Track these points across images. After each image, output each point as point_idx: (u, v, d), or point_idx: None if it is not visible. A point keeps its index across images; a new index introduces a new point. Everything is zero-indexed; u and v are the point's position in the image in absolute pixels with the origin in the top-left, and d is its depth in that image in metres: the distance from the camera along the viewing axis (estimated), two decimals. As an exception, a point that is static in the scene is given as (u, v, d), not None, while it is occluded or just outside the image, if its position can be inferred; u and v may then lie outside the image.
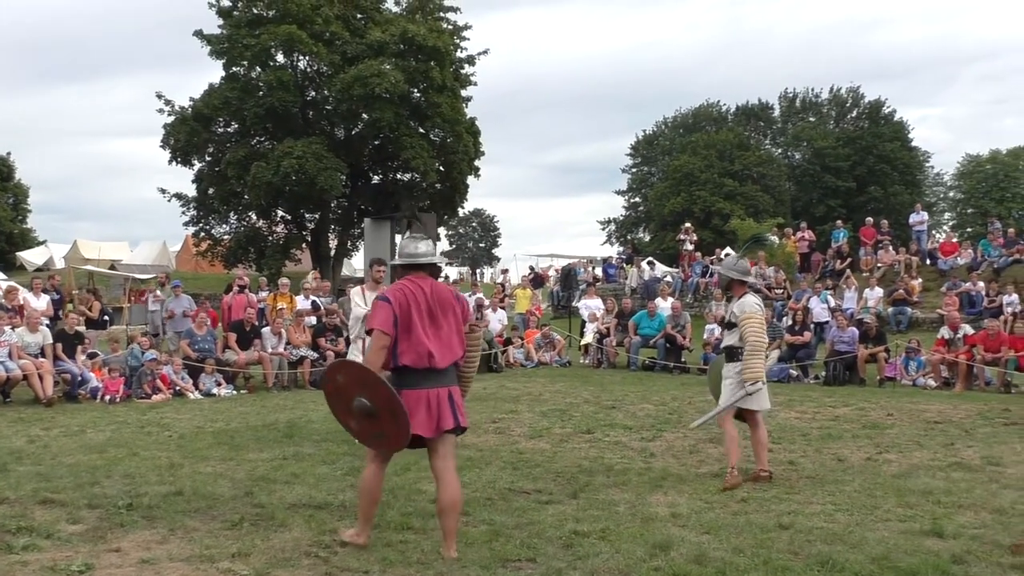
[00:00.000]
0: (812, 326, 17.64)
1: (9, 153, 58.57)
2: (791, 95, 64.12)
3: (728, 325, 7.63)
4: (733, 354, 7.47)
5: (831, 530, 5.76)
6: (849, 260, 24.59)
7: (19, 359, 13.05)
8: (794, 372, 16.21)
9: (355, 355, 8.76)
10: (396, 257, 5.47)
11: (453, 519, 5.15)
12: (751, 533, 5.66)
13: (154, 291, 19.35)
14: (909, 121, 59.71)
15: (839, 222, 29.08)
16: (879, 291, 20.53)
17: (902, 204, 49.41)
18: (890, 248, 25.01)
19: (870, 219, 27.58)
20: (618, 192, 68.01)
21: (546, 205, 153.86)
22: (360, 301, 9.03)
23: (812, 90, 63.57)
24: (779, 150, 63.14)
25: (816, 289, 19.70)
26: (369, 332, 5.15)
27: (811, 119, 62.44)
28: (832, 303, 19.17)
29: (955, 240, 27.31)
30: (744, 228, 31.66)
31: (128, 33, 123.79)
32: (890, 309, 20.17)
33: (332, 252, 39.33)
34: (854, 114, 61.53)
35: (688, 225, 32.19)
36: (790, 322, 17.52)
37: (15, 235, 55.85)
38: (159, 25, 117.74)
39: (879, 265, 24.00)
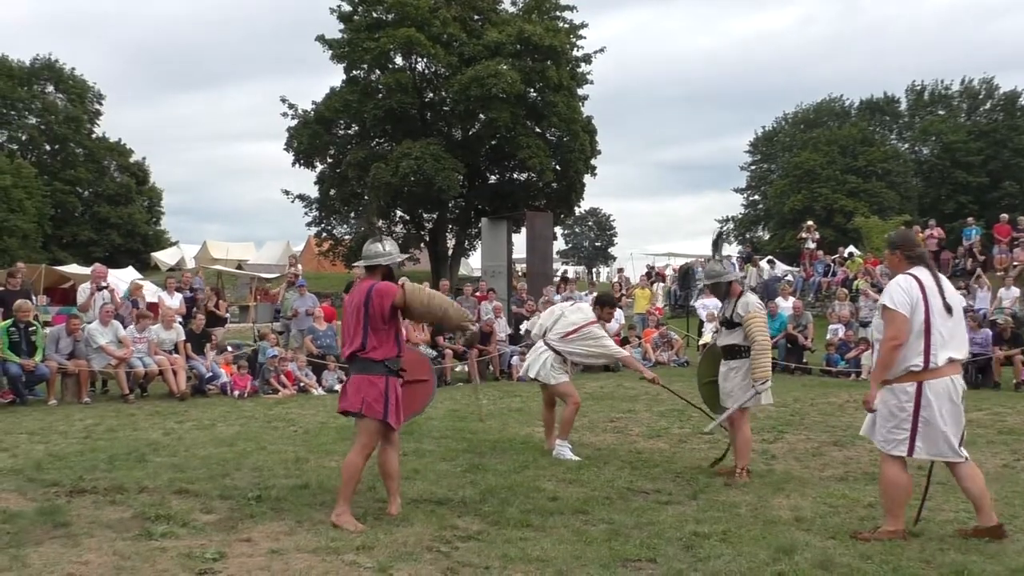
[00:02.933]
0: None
1: (144, 158, 61.35)
2: (919, 88, 61.93)
3: (729, 324, 7.49)
4: (735, 352, 7.42)
5: (965, 539, 5.53)
6: (982, 259, 23.59)
7: (155, 355, 13.65)
8: (923, 374, 15.64)
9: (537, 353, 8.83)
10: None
11: (342, 479, 5.93)
12: (879, 539, 5.48)
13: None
14: (1049, 112, 56.81)
15: (970, 219, 27.96)
16: (1015, 291, 19.61)
17: (1040, 200, 47.22)
18: (1027, 246, 23.87)
19: (1005, 216, 26.40)
20: (736, 190, 66.97)
21: (662, 203, 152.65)
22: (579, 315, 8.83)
23: (941, 82, 61.26)
24: (906, 145, 61.05)
25: (946, 289, 18.95)
26: None
27: (940, 112, 60.15)
28: (964, 303, 18.40)
29: (1098, 237, 25.87)
30: (868, 226, 30.79)
31: (253, 40, 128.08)
32: (1027, 310, 19.25)
33: (450, 251, 39.81)
34: (987, 106, 58.99)
35: (810, 223, 31.41)
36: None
37: (150, 237, 58.48)
38: (283, 31, 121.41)
39: (1015, 264, 22.95)
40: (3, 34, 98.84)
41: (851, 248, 31.41)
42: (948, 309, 5.39)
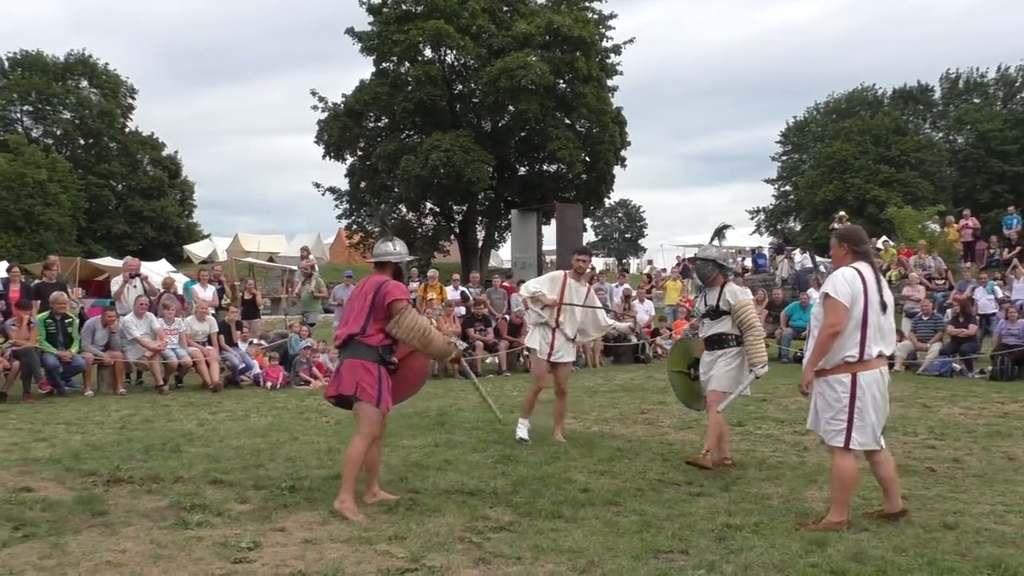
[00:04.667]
0: (977, 318, 16.79)
1: (176, 152, 61.83)
2: (953, 76, 61.15)
3: (715, 314, 7.46)
4: (722, 342, 7.39)
5: (1002, 532, 5.49)
6: (1018, 248, 23.24)
7: (188, 346, 13.79)
8: (957, 366, 15.48)
9: (532, 337, 9.01)
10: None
11: (344, 469, 6.03)
12: (913, 532, 5.44)
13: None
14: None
15: (1011, 208, 27.52)
16: (1052, 281, 19.32)
17: (1078, 189, 46.47)
18: (1064, 236, 23.49)
19: (1042, 204, 25.99)
20: (767, 180, 66.53)
21: (692, 195, 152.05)
22: (544, 285, 9.02)
23: (977, 70, 60.53)
24: (940, 134, 60.38)
25: (981, 279, 18.72)
26: None
27: (976, 100, 59.39)
28: (1000, 294, 18.17)
29: None
30: (902, 216, 30.44)
31: (283, 34, 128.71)
32: (1064, 300, 18.94)
33: (480, 243, 39.83)
34: (1024, 94, 58.21)
35: (842, 214, 31.09)
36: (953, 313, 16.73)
37: (182, 229, 58.93)
38: (313, 25, 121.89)
39: (1052, 254, 22.58)
40: (39, 30, 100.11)
41: (884, 238, 31.11)
42: (883, 306, 5.59)
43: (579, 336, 9.11)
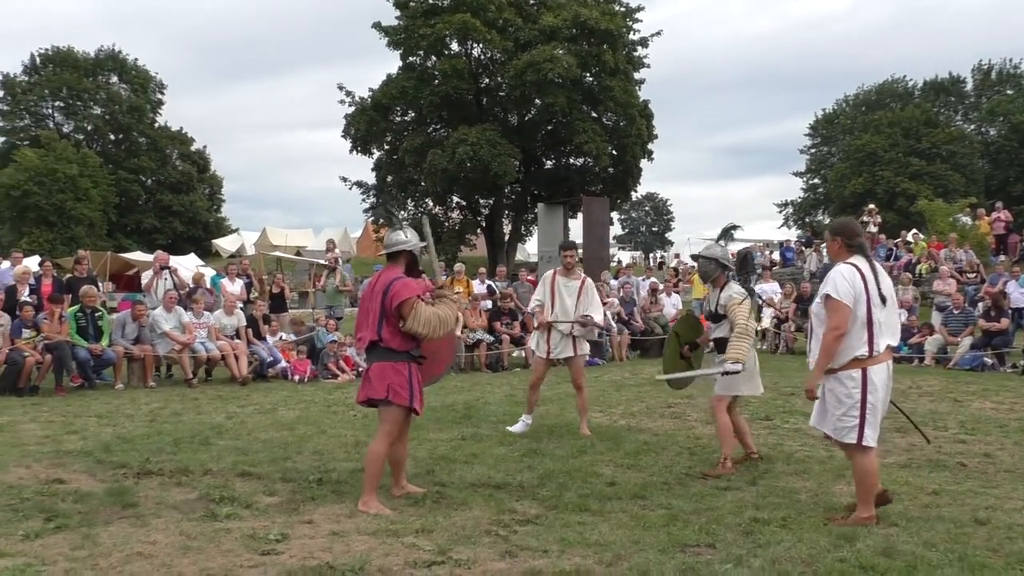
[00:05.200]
0: (1010, 312, 16.60)
1: (205, 147, 62.23)
2: (986, 67, 60.33)
3: (715, 317, 7.42)
4: (723, 345, 7.32)
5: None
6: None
7: (216, 340, 13.89)
8: (989, 360, 15.31)
9: (532, 338, 9.28)
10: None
11: (367, 468, 5.95)
12: (944, 527, 5.40)
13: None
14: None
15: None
16: (1084, 275, 19.06)
17: (1114, 182, 45.83)
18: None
19: (1076, 197, 25.66)
20: (796, 173, 66.03)
21: (719, 188, 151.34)
22: (540, 295, 9.14)
23: (1010, 61, 59.60)
24: (972, 126, 59.57)
25: (1014, 273, 18.50)
26: None
27: (1009, 92, 58.52)
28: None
29: None
30: (932, 209, 30.13)
31: (310, 29, 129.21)
32: (1099, 294, 18.66)
33: (506, 237, 39.81)
34: (1059, 84, 57.30)
35: (872, 207, 30.83)
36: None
37: (211, 224, 59.31)
38: (339, 20, 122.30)
39: (1084, 247, 22.31)
40: (70, 27, 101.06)
41: (914, 231, 30.84)
42: (883, 299, 5.51)
43: (577, 329, 9.00)
